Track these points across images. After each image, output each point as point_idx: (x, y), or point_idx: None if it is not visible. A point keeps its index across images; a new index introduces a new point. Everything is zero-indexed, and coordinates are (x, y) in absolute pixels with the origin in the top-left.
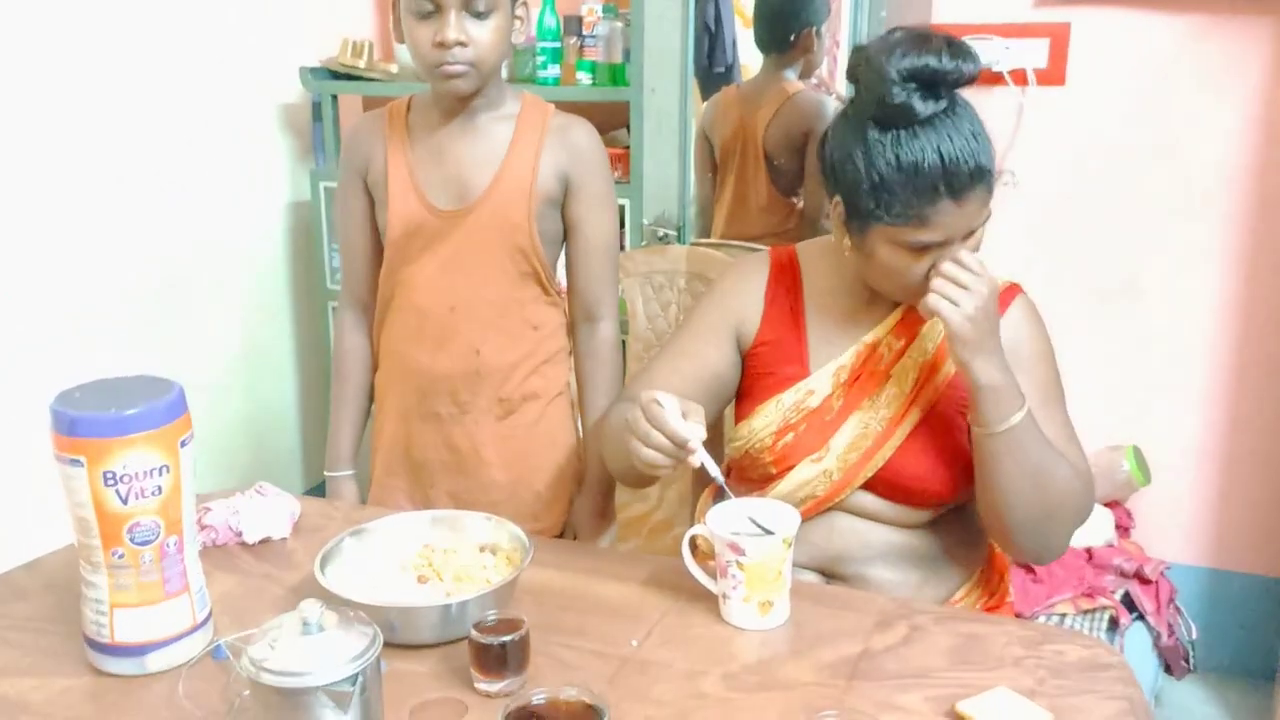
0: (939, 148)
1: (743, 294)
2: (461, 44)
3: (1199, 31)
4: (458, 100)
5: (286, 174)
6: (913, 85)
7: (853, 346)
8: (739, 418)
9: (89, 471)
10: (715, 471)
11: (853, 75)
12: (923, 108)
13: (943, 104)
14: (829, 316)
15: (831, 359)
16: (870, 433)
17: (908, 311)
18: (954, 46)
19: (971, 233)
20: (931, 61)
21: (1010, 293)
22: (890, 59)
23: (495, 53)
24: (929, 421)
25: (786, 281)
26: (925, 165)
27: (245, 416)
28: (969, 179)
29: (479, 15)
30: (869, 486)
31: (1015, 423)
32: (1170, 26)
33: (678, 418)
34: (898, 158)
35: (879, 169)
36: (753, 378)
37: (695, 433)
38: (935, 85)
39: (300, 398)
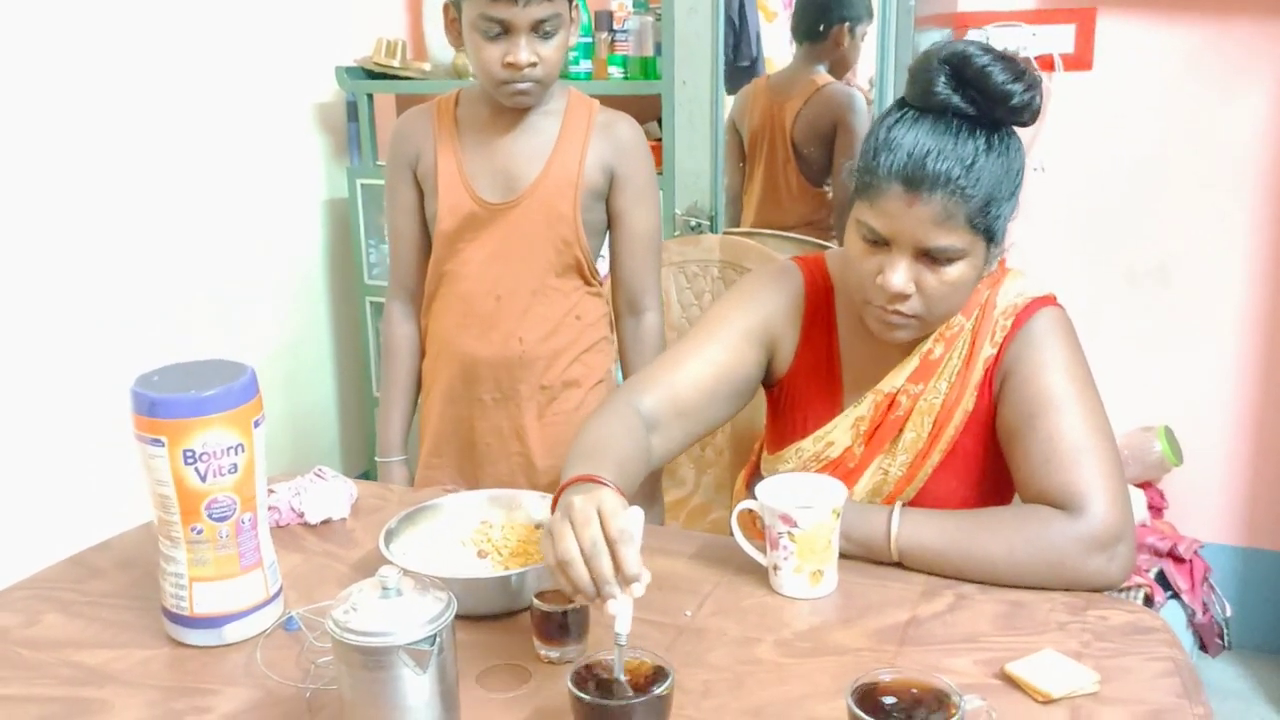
0: (922, 138)
1: (778, 306)
2: (532, 65)
3: (1228, 13)
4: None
5: (322, 172)
6: (945, 69)
7: (870, 396)
8: (769, 446)
9: (169, 451)
10: (623, 628)
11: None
12: (940, 91)
13: (966, 106)
14: (862, 344)
15: (856, 403)
16: (891, 478)
17: (924, 356)
18: (1008, 60)
19: (927, 253)
20: (970, 50)
21: (1032, 307)
22: (944, 48)
23: (559, 66)
24: (951, 459)
25: (822, 305)
26: (898, 145)
27: (284, 412)
28: (930, 183)
29: (547, 35)
30: None
31: (899, 552)
32: (1199, 7)
33: (638, 560)
34: (889, 130)
35: (874, 137)
36: (785, 406)
37: (644, 579)
38: (967, 81)
39: (338, 392)
